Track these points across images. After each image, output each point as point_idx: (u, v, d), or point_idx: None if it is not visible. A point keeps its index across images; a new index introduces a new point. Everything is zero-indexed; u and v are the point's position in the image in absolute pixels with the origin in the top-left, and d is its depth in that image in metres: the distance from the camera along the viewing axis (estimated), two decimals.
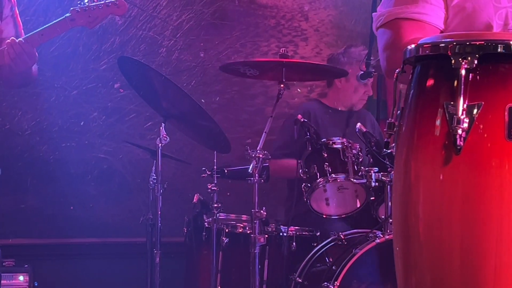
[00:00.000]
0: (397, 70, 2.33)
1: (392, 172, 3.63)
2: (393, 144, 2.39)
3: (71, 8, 3.69)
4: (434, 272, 2.23)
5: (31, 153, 5.70)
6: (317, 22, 6.14)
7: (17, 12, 3.85)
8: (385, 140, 2.39)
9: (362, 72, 5.03)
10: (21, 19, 3.92)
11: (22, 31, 3.84)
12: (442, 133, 2.19)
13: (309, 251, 4.44)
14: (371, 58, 4.92)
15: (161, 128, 4.44)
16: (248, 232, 4.28)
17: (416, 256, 2.26)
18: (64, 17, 3.68)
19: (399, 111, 2.32)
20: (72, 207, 5.74)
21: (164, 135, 4.43)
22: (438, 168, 2.20)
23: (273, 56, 5.73)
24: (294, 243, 4.48)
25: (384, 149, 4.03)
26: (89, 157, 5.79)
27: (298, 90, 6.01)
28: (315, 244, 4.48)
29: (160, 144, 4.44)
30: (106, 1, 3.72)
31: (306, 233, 4.58)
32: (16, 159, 5.64)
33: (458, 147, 2.14)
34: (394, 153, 2.41)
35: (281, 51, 4.31)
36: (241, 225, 4.55)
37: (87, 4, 3.70)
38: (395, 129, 2.32)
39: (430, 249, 2.23)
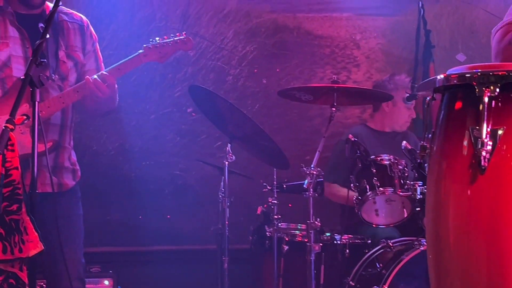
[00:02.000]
0: (427, 98, 2.37)
1: None
2: (426, 164, 2.42)
3: (144, 45, 3.75)
4: (463, 278, 2.25)
5: (115, 171, 5.81)
6: (367, 50, 6.14)
7: (98, 47, 3.93)
8: (418, 161, 2.43)
9: (408, 95, 5.04)
10: (105, 53, 4.01)
11: (102, 64, 3.92)
12: (469, 154, 2.22)
13: (361, 257, 4.45)
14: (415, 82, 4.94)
15: (227, 148, 4.50)
16: (306, 240, 4.30)
17: (447, 264, 2.29)
18: (138, 53, 3.73)
19: (430, 135, 2.36)
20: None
21: (230, 154, 4.46)
22: (465, 186, 2.23)
23: (328, 81, 5.76)
24: (347, 250, 4.50)
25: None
26: (166, 174, 5.87)
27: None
28: (366, 251, 4.49)
29: (226, 162, 4.49)
30: (175, 38, 3.79)
31: (358, 241, 4.59)
32: (102, 176, 5.75)
33: (483, 168, 2.17)
34: (426, 173, 2.44)
35: (332, 77, 4.35)
36: (300, 234, 4.57)
37: (158, 41, 3.77)
38: (427, 151, 2.35)
39: (460, 258, 2.26)
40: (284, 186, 4.71)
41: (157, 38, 3.74)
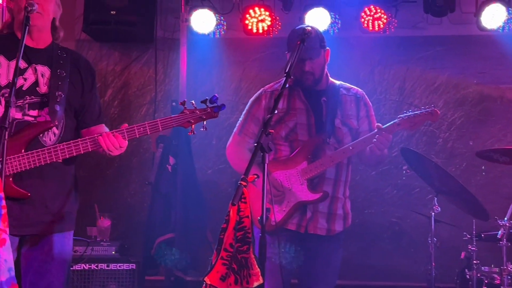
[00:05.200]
0: None
1: None
2: None
3: (398, 116, 3.73)
4: None
5: None
6: None
7: (373, 113, 3.90)
8: None
9: None
10: None
11: (375, 125, 3.82)
12: None
13: None
14: None
15: (434, 200, 4.39)
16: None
17: None
18: (393, 122, 3.70)
19: None
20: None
21: (436, 206, 4.35)
22: None
23: None
24: None
25: None
26: (385, 221, 5.86)
27: None
28: None
29: (432, 213, 4.38)
30: (424, 111, 3.72)
31: None
32: None
33: None
34: None
35: None
36: (499, 277, 4.31)
37: (410, 113, 3.72)
38: None
39: None
40: (482, 235, 4.49)
41: (409, 110, 3.74)
